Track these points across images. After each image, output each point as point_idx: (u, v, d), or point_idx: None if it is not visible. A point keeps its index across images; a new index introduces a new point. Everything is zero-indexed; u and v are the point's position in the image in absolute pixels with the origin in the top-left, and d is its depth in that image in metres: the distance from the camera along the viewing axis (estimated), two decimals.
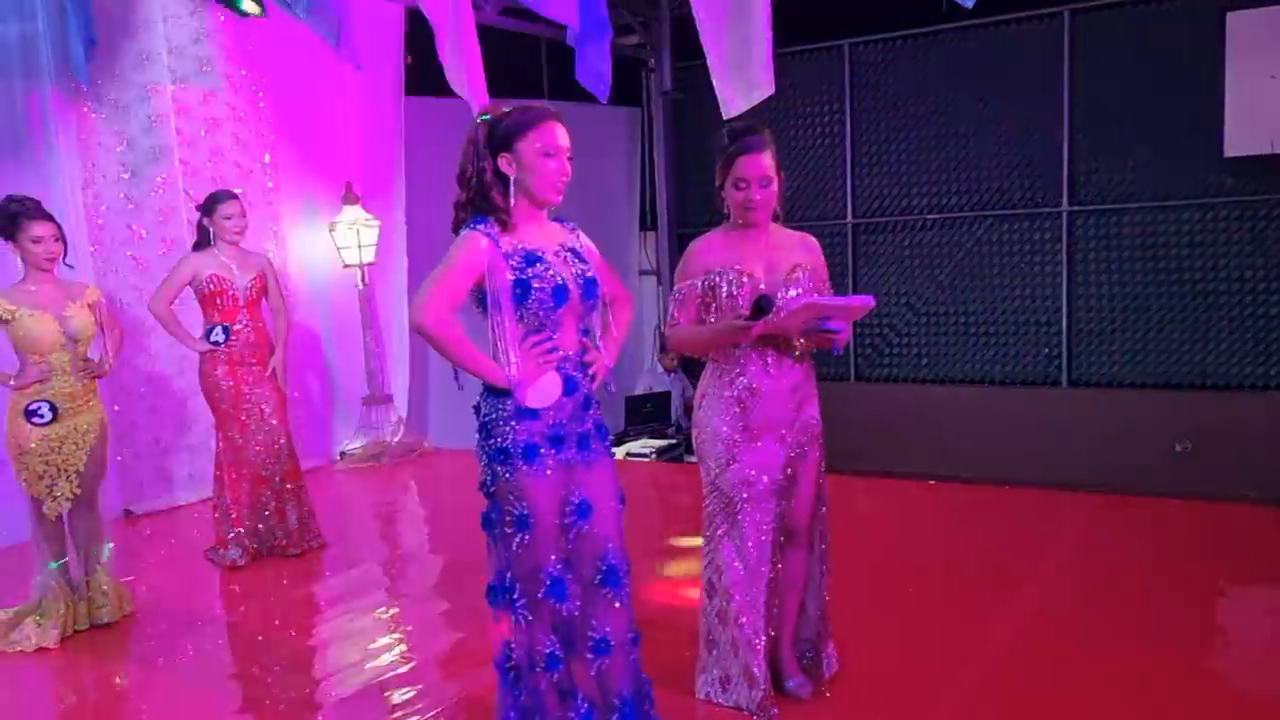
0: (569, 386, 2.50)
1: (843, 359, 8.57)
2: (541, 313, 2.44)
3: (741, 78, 5.04)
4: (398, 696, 3.44)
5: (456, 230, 2.50)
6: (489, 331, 2.47)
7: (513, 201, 2.47)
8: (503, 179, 2.47)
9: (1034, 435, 7.78)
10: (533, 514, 2.46)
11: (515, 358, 2.44)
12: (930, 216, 8.33)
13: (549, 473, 2.46)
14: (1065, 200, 7.76)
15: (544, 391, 2.47)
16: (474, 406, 2.55)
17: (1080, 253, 7.81)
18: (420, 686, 3.51)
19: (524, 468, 2.45)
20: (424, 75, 6.47)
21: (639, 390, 8.92)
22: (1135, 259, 7.61)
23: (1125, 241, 7.63)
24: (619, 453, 7.38)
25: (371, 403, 7.31)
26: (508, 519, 2.49)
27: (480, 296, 2.46)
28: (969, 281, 8.25)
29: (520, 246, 2.45)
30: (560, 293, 2.44)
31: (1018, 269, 8.06)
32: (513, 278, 2.42)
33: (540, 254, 2.46)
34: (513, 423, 2.46)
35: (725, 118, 5.36)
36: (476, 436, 2.54)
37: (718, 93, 5.03)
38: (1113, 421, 7.59)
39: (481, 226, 2.44)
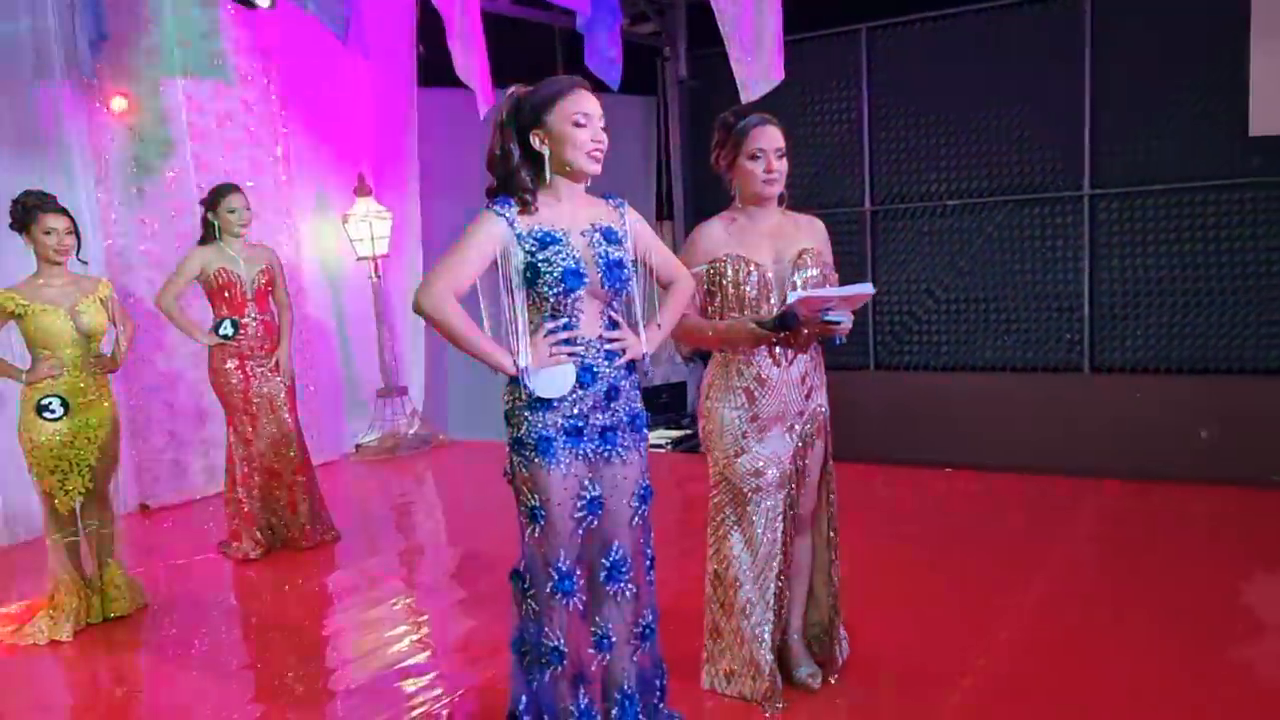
0: (586, 377, 2.41)
1: (862, 347, 8.49)
2: (553, 297, 2.35)
3: (759, 64, 5.00)
4: (412, 685, 3.43)
5: None
6: (505, 315, 2.40)
7: (549, 179, 2.40)
8: (533, 158, 2.39)
9: (1056, 422, 7.68)
10: (545, 507, 2.41)
11: (525, 345, 2.38)
12: (950, 202, 8.22)
13: (562, 466, 2.41)
14: (1087, 183, 7.64)
15: (554, 382, 2.39)
16: (501, 394, 2.50)
17: (1102, 236, 7.69)
18: (435, 674, 3.51)
19: (538, 460, 2.40)
20: (437, 66, 6.43)
21: (657, 380, 8.87)
22: (1158, 242, 7.48)
23: (1148, 224, 7.50)
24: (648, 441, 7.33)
25: (386, 395, 7.31)
26: (522, 509, 2.46)
27: (508, 281, 2.39)
28: (989, 267, 8.14)
29: (538, 227, 2.37)
30: (571, 276, 2.34)
31: (1039, 254, 7.94)
32: (525, 260, 2.35)
33: (559, 234, 2.37)
34: (527, 413, 2.41)
35: (745, 102, 5.32)
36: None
37: (738, 78, 4.98)
38: (1135, 407, 7.47)
39: (498, 207, 2.38)
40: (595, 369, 2.43)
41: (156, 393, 6.00)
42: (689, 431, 7.92)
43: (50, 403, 3.91)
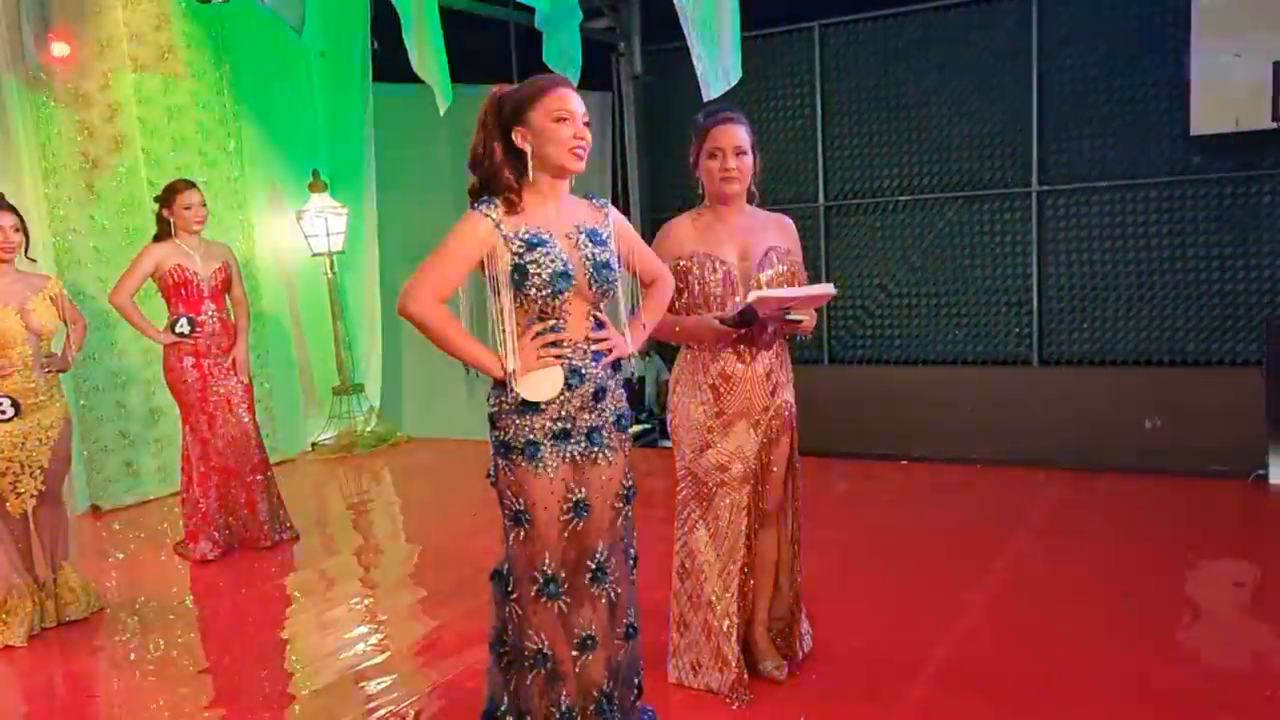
0: (574, 379, 2.39)
1: (816, 342, 8.58)
2: (541, 299, 2.33)
3: (719, 62, 5.04)
4: (373, 686, 3.41)
5: None
6: (491, 318, 2.37)
7: (531, 177, 2.37)
8: (516, 156, 2.37)
9: (1005, 414, 7.83)
10: (530, 511, 2.39)
11: (514, 347, 2.35)
12: (901, 198, 8.34)
13: (549, 471, 2.38)
14: (1035, 180, 7.79)
15: (543, 385, 2.36)
16: (486, 396, 2.47)
17: (1050, 232, 7.85)
18: (396, 675, 3.49)
19: (524, 465, 2.37)
20: (393, 62, 6.38)
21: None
22: (1104, 238, 7.66)
23: (1094, 220, 7.68)
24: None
25: (343, 392, 7.24)
26: (507, 512, 2.44)
27: (494, 282, 2.36)
28: (940, 262, 8.28)
29: (524, 229, 2.34)
30: (560, 278, 2.32)
31: (988, 249, 8.09)
32: (512, 262, 2.32)
33: (546, 235, 2.34)
34: (514, 417, 2.38)
35: (705, 101, 5.35)
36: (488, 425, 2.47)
37: (699, 76, 5.01)
38: (1083, 399, 7.65)
39: (484, 208, 2.35)
40: (583, 370, 2.41)
41: (108, 392, 5.89)
42: (647, 426, 7.96)
43: (0, 404, 3.83)
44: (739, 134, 2.91)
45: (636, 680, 2.67)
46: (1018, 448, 7.27)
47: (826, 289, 2.88)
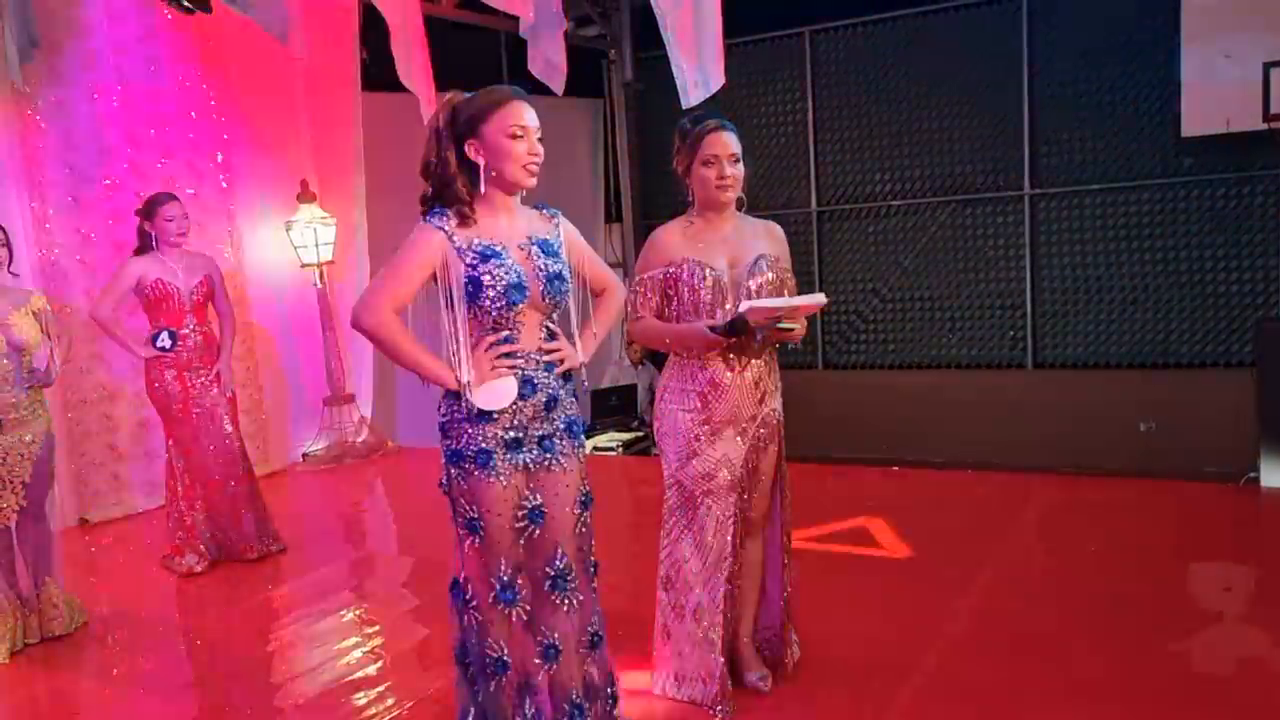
0: (527, 389, 2.41)
1: (810, 347, 8.57)
2: (495, 311, 2.34)
3: (700, 68, 5.02)
4: (363, 697, 3.39)
5: None
6: (445, 330, 2.38)
7: (483, 189, 2.38)
8: (469, 168, 2.37)
9: (999, 418, 7.82)
10: (484, 519, 2.41)
11: (468, 358, 2.36)
12: (894, 203, 8.33)
13: (501, 478, 2.40)
14: (1027, 183, 7.78)
15: (497, 395, 2.37)
16: (437, 406, 2.47)
17: (1043, 235, 7.84)
18: (386, 685, 3.47)
19: (476, 473, 2.39)
20: (381, 70, 6.38)
21: (605, 384, 8.87)
22: (1096, 240, 7.65)
23: (1086, 223, 7.66)
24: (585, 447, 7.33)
25: (333, 403, 7.22)
26: (460, 520, 2.45)
27: (448, 294, 2.36)
28: (933, 267, 8.27)
29: (477, 241, 2.35)
30: (514, 290, 2.33)
31: (981, 253, 8.08)
32: (465, 274, 2.32)
33: (499, 248, 2.35)
34: (466, 426, 2.39)
35: (685, 107, 5.33)
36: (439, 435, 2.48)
37: (678, 82, 5.00)
38: (1077, 403, 7.63)
39: (436, 220, 2.35)
40: (535, 380, 2.43)
41: (95, 405, 5.86)
42: (639, 434, 7.93)
43: None
44: (733, 141, 2.91)
45: (610, 690, 2.65)
46: (1011, 451, 7.26)
47: (817, 299, 2.88)
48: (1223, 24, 6.66)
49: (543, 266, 2.40)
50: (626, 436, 7.77)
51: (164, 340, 4.66)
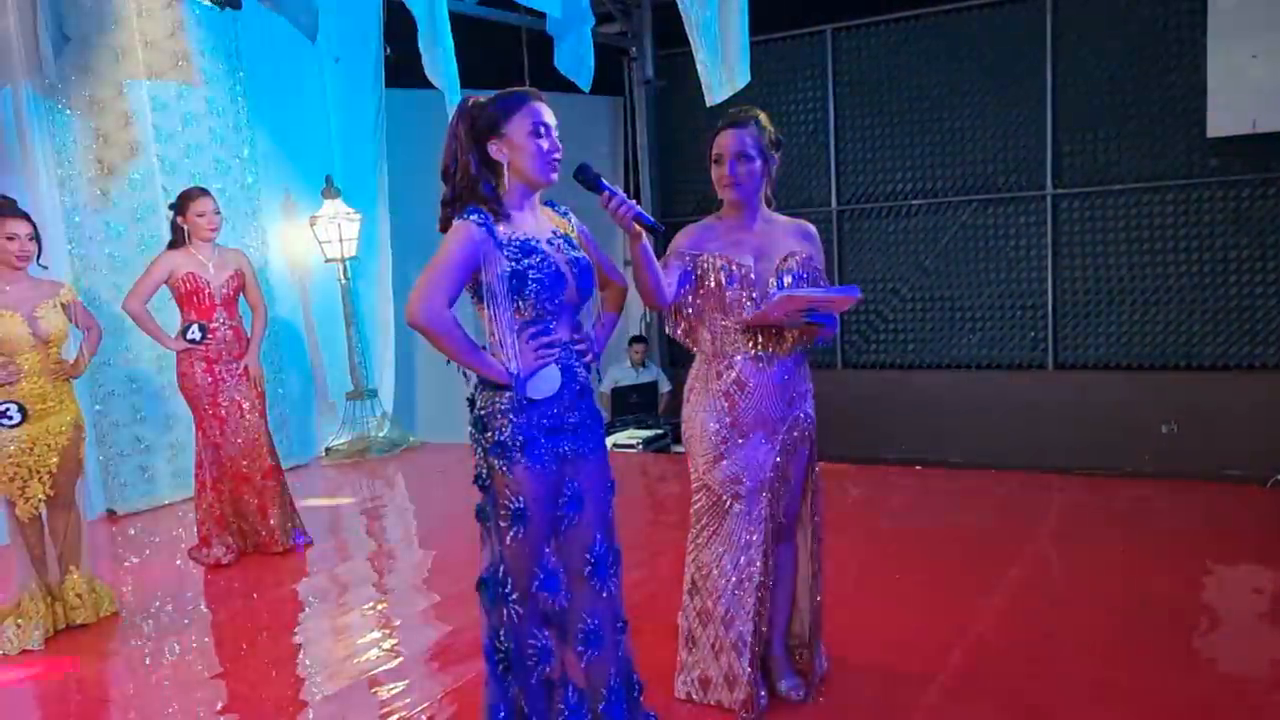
0: (566, 377, 2.44)
1: (830, 345, 8.56)
2: (538, 303, 2.38)
3: (724, 66, 5.03)
4: (386, 691, 3.41)
5: (445, 228, 2.43)
6: (486, 324, 2.41)
7: (506, 188, 2.42)
8: (492, 168, 2.42)
9: (1019, 419, 7.80)
10: (529, 508, 2.42)
11: (514, 351, 2.39)
12: (915, 202, 8.32)
13: (547, 466, 2.43)
14: (1049, 183, 7.75)
15: (545, 384, 2.41)
16: (468, 399, 2.49)
17: (1065, 236, 7.81)
18: (409, 680, 3.49)
19: (522, 461, 2.40)
20: (405, 67, 6.41)
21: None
22: (1119, 241, 7.62)
23: (1109, 224, 7.63)
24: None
25: (356, 398, 7.26)
26: (503, 512, 2.45)
27: (475, 289, 2.40)
28: (954, 266, 8.25)
29: (515, 235, 2.39)
30: (558, 281, 2.39)
31: (1003, 253, 8.06)
32: (509, 268, 2.35)
33: (535, 242, 2.41)
34: (510, 416, 2.41)
35: (709, 105, 5.34)
36: (470, 430, 2.48)
37: (702, 81, 5.01)
38: (1098, 404, 7.61)
39: (475, 216, 2.37)
40: (573, 369, 2.47)
41: (123, 397, 5.92)
42: (659, 431, 7.94)
43: (7, 409, 3.85)
44: (739, 139, 2.88)
45: (635, 678, 2.67)
46: (1032, 451, 7.24)
47: (851, 292, 2.84)
48: (1250, 24, 6.62)
49: (572, 259, 2.46)
50: (647, 434, 7.77)
51: (194, 333, 4.71)
